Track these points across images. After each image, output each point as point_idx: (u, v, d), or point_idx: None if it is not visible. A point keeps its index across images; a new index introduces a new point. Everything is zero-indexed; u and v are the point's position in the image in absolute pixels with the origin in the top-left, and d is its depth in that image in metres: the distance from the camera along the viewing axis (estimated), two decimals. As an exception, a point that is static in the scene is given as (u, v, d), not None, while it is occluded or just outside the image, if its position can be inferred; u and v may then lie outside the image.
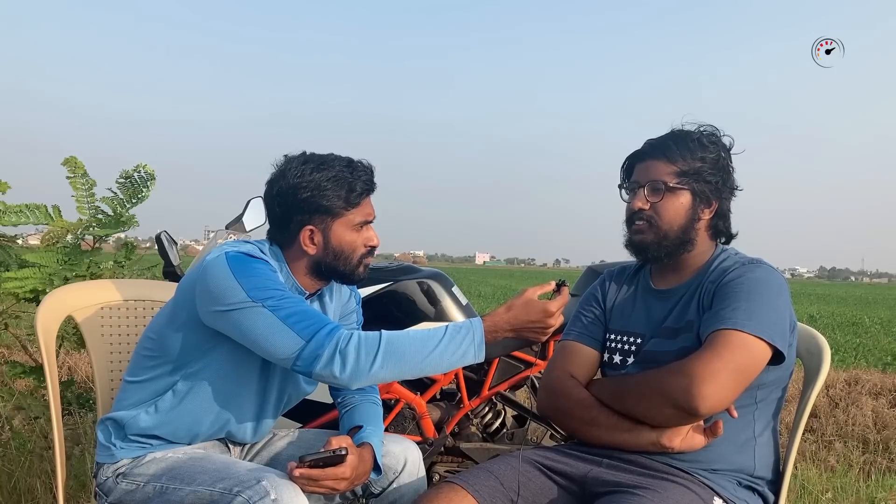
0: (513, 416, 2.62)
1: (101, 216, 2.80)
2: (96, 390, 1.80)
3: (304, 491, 1.34)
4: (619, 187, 1.57)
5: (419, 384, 2.40)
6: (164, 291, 1.87)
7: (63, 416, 2.89)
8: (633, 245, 1.53)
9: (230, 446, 1.64)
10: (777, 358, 1.37)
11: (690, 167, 1.46)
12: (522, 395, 3.04)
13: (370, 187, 1.54)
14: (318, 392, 1.76)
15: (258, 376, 1.54)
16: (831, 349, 1.59)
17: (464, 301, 2.47)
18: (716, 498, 1.36)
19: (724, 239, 1.55)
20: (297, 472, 1.33)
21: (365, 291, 2.27)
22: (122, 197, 2.82)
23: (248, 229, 2.14)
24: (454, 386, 2.45)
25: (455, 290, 2.46)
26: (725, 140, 1.52)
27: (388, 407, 2.32)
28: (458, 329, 1.38)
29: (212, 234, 2.46)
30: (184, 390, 1.50)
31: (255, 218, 2.13)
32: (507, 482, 1.42)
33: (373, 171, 1.55)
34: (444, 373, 1.99)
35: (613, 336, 1.58)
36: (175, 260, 2.25)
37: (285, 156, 1.55)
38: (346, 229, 1.52)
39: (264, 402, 1.58)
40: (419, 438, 2.35)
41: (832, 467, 3.69)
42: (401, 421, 2.39)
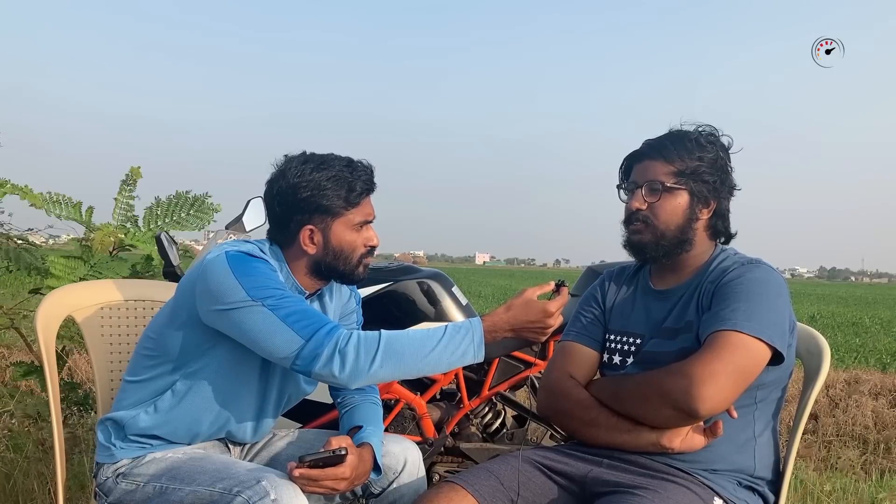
0: (513, 416, 2.62)
1: (129, 226, 2.85)
2: (96, 390, 1.80)
3: (303, 491, 1.34)
4: (618, 188, 1.57)
5: (419, 384, 2.39)
6: (164, 291, 1.87)
7: (63, 416, 2.89)
8: (630, 245, 1.53)
9: (230, 446, 1.64)
10: (777, 358, 1.37)
11: (688, 167, 1.46)
12: (522, 395, 3.03)
13: (370, 187, 1.54)
14: (318, 392, 1.76)
15: (258, 376, 1.54)
16: (831, 349, 1.59)
17: (464, 301, 2.47)
18: (716, 498, 1.36)
19: (723, 239, 1.55)
20: (297, 472, 1.33)
21: (365, 291, 2.27)
22: (158, 214, 2.90)
23: (247, 229, 2.14)
24: (454, 386, 2.45)
25: (455, 290, 2.46)
26: (724, 140, 1.52)
27: (388, 407, 2.32)
28: (458, 329, 1.38)
29: (212, 234, 2.46)
30: (183, 390, 1.50)
31: (255, 218, 2.13)
32: (508, 482, 1.42)
33: (373, 171, 1.55)
34: (444, 373, 1.99)
35: (613, 336, 1.58)
36: (175, 260, 2.25)
37: (285, 155, 1.55)
38: (346, 229, 1.52)
39: (264, 402, 1.58)
40: (419, 438, 2.35)
41: (832, 467, 3.69)
42: (401, 421, 2.38)
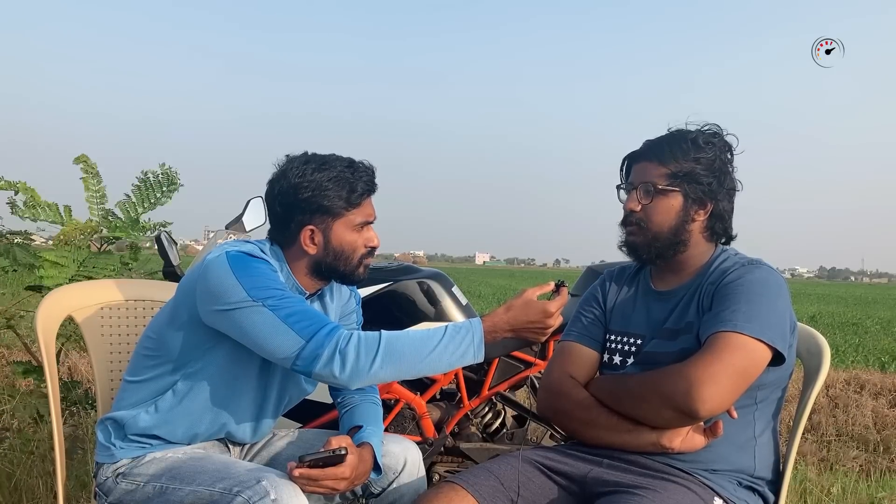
0: (513, 416, 2.62)
1: (110, 218, 2.78)
2: (96, 390, 1.80)
3: (303, 491, 1.34)
4: (618, 188, 1.57)
5: (419, 384, 2.39)
6: (164, 291, 1.87)
7: (64, 416, 2.89)
8: (625, 246, 1.54)
9: (230, 446, 1.64)
10: (777, 359, 1.37)
11: (682, 169, 1.46)
12: (522, 395, 3.04)
13: (371, 188, 1.54)
14: (318, 392, 1.76)
15: (258, 376, 1.54)
16: (831, 349, 1.59)
17: (464, 301, 2.47)
18: (716, 498, 1.36)
19: (723, 239, 1.55)
20: (297, 472, 1.33)
21: (365, 291, 2.27)
22: (134, 200, 2.79)
23: (247, 229, 2.14)
24: (454, 386, 2.45)
25: (455, 290, 2.47)
26: (729, 139, 1.51)
27: (388, 407, 2.32)
28: (458, 329, 1.38)
29: (212, 234, 2.46)
30: (184, 390, 1.50)
31: (255, 218, 2.13)
32: (508, 482, 1.42)
33: (374, 172, 1.55)
34: (444, 373, 1.99)
35: (613, 337, 1.58)
36: (175, 260, 2.26)
37: (287, 156, 1.55)
38: (347, 229, 1.52)
39: (264, 402, 1.58)
40: (419, 438, 2.35)
41: (832, 467, 3.69)
42: (401, 421, 2.38)
